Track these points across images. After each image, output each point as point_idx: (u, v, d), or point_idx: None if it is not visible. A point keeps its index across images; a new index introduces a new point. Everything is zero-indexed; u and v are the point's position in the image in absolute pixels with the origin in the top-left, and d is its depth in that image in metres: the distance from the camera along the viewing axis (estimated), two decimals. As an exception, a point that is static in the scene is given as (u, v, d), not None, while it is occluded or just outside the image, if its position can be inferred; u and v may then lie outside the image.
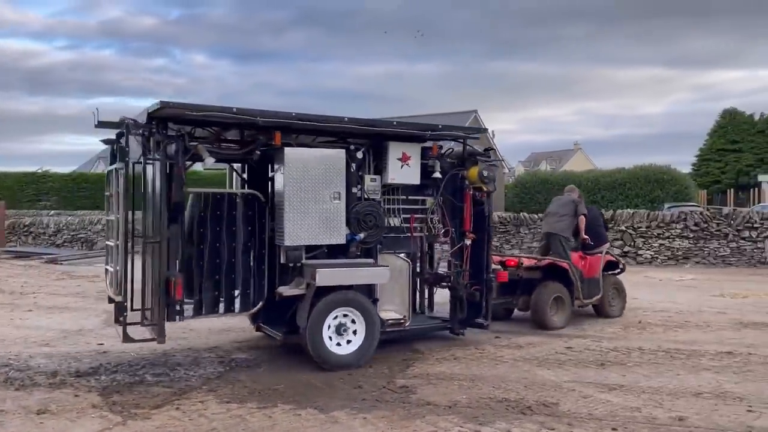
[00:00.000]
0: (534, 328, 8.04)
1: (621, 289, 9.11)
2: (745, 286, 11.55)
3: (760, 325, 8.10)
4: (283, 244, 6.12)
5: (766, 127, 50.26)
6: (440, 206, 7.18)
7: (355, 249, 6.45)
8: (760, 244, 14.77)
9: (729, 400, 5.12)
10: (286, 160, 6.05)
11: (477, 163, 7.19)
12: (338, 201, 6.27)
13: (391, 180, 6.73)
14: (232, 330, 7.96)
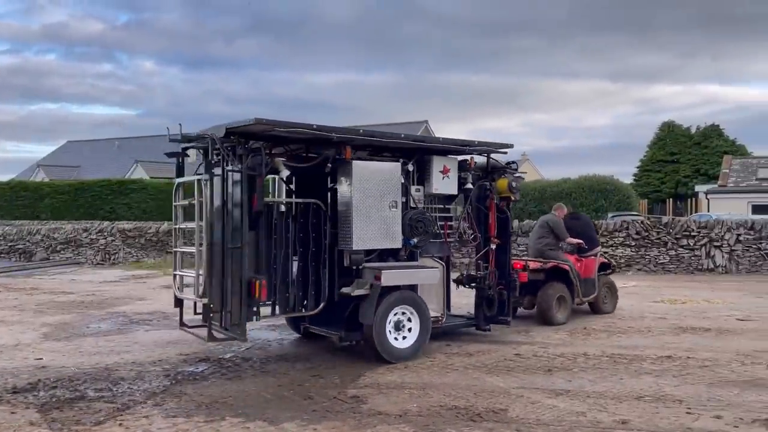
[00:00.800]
0: (539, 323, 8.84)
1: (613, 288, 10.07)
2: (683, 293, 11.99)
3: (698, 330, 8.41)
4: (351, 249, 6.68)
5: (702, 140, 52.50)
6: (469, 214, 7.88)
7: (404, 253, 7.10)
8: (697, 251, 15.38)
9: (669, 402, 5.29)
10: (354, 172, 6.67)
11: (506, 175, 8.10)
12: (395, 209, 6.95)
13: (434, 190, 7.46)
14: (179, 342, 7.79)
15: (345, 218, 6.77)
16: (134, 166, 41.09)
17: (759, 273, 15.01)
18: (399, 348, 6.75)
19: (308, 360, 6.86)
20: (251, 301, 6.17)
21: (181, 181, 6.93)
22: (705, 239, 15.38)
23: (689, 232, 15.53)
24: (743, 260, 15.17)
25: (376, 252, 6.88)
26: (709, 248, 15.34)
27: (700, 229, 15.47)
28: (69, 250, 20.52)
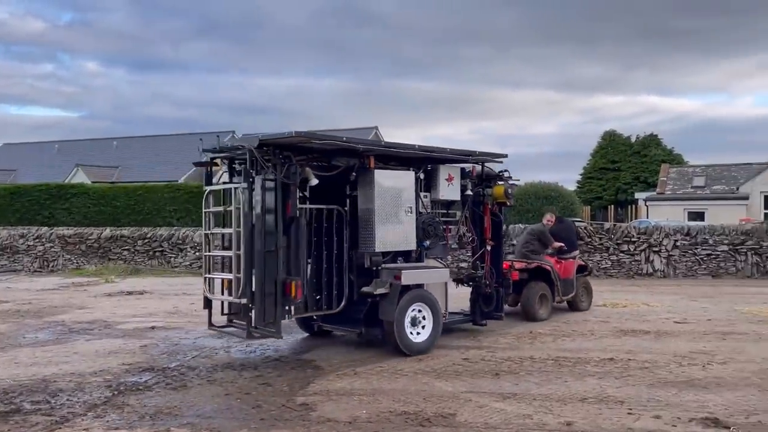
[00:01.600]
0: (523, 320, 9.55)
1: (589, 288, 10.95)
2: (624, 296, 12.37)
3: (638, 333, 8.69)
4: (373, 251, 7.23)
5: (641, 149, 54.43)
6: (467, 218, 8.53)
7: (415, 254, 7.71)
8: (637, 256, 15.92)
9: (611, 404, 5.44)
10: (376, 180, 7.25)
11: (502, 182, 8.88)
12: (411, 214, 7.58)
13: (441, 197, 8.13)
14: (121, 352, 7.57)
15: (367, 223, 7.31)
16: (75, 170, 39.70)
17: (694, 277, 15.65)
18: (416, 342, 7.31)
19: (256, 368, 6.77)
20: (285, 300, 6.60)
21: (212, 189, 7.27)
22: (644, 245, 15.95)
23: (630, 237, 16.07)
24: (680, 265, 15.78)
25: (390, 254, 7.47)
26: (648, 253, 15.91)
27: (640, 234, 16.02)
28: (4, 258, 19.66)
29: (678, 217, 29.41)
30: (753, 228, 15.93)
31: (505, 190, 8.87)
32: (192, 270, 17.86)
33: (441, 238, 8.08)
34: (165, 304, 11.70)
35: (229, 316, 7.35)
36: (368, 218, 7.27)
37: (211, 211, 7.26)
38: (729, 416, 5.08)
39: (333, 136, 6.88)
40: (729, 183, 33.26)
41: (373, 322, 7.33)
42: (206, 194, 7.26)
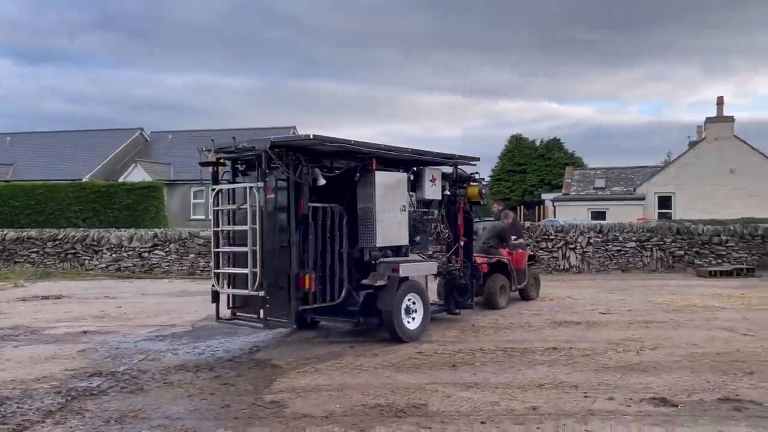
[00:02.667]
0: (484, 308, 10.39)
1: (537, 278, 12.12)
2: (549, 291, 12.96)
3: (571, 324, 9.20)
4: (374, 246, 7.78)
5: (545, 152, 57.09)
6: (443, 216, 9.19)
7: (406, 250, 8.31)
8: (555, 253, 16.77)
9: (567, 389, 5.77)
10: (377, 181, 7.77)
11: (477, 183, 9.65)
12: (404, 212, 8.16)
13: (426, 196, 8.70)
14: (59, 357, 7.20)
15: (368, 220, 7.79)
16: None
17: (606, 272, 16.69)
18: (411, 329, 7.91)
19: (212, 369, 6.62)
20: (298, 292, 6.96)
21: (220, 188, 7.62)
22: (561, 242, 16.83)
23: (548, 235, 16.90)
24: (593, 260, 16.79)
25: (385, 249, 7.99)
26: (565, 250, 16.81)
27: (557, 233, 16.90)
28: None
29: (582, 217, 31.14)
30: (657, 226, 17.20)
31: (480, 190, 9.65)
32: (109, 272, 17.04)
33: (428, 234, 8.80)
34: (89, 309, 11.13)
35: (234, 309, 7.69)
36: (369, 216, 7.79)
37: (221, 209, 7.57)
38: (673, 396, 5.53)
39: (342, 139, 7.27)
40: (627, 185, 35.58)
41: (369, 312, 7.88)
42: (215, 193, 7.60)
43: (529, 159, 57.24)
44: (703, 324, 9.06)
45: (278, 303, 7.00)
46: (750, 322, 9.15)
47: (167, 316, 10.13)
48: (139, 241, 17.13)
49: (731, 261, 16.53)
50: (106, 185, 24.93)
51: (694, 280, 14.99)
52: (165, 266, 16.99)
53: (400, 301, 7.78)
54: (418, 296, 8.11)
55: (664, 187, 33.29)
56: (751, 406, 5.23)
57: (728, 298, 11.77)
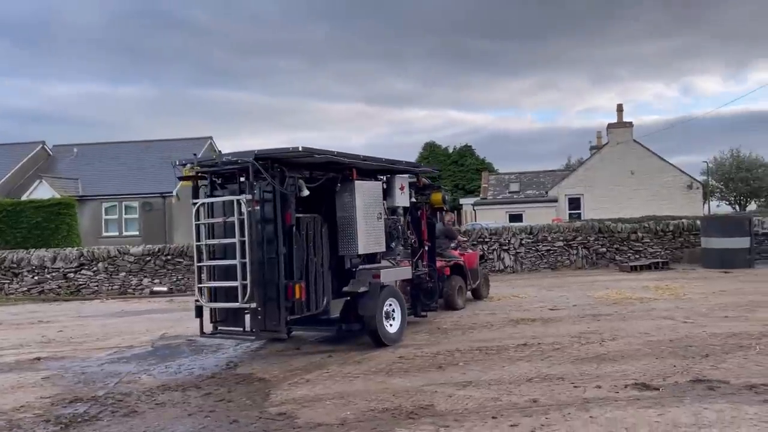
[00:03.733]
0: (444, 309, 10.66)
1: (487, 277, 12.69)
2: (493, 291, 13.36)
3: (527, 321, 9.65)
4: (356, 254, 8.00)
5: (458, 158, 58.94)
6: (409, 222, 9.46)
7: (380, 256, 8.62)
8: (490, 255, 17.40)
9: (555, 381, 6.12)
10: (357, 190, 7.96)
11: (440, 190, 10.11)
12: (380, 220, 8.42)
13: (396, 204, 8.98)
14: (26, 386, 6.82)
15: (348, 228, 7.95)
16: None
17: (538, 271, 17.53)
18: (391, 333, 8.14)
19: (198, 387, 6.46)
20: (287, 302, 7.02)
21: (203, 202, 7.50)
22: (496, 244, 17.51)
23: (483, 238, 17.54)
24: (526, 260, 17.59)
25: (363, 256, 8.23)
26: (499, 252, 17.49)
27: (492, 235, 17.57)
28: None
29: (501, 219, 32.45)
30: (581, 226, 18.27)
31: (443, 196, 10.16)
32: (31, 296, 16.00)
33: (400, 240, 9.07)
34: (27, 334, 10.45)
35: (216, 323, 7.66)
36: (349, 224, 7.99)
37: (203, 223, 7.48)
38: (651, 380, 5.99)
39: (328, 150, 7.42)
40: (539, 188, 37.41)
41: (349, 319, 8.03)
42: (196, 207, 7.47)
43: (444, 165, 58.85)
44: (645, 314, 9.78)
45: (268, 314, 7.06)
46: (685, 311, 9.96)
47: (119, 338, 9.70)
48: (64, 261, 16.20)
49: (647, 255, 17.81)
50: (12, 203, 23.32)
51: (619, 275, 16.04)
52: (93, 286, 16.16)
53: (381, 307, 7.98)
54: (396, 301, 8.37)
55: (573, 189, 35.28)
56: (721, 385, 5.76)
57: (656, 289, 12.71)
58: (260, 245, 7.07)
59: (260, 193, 7.05)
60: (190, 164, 7.54)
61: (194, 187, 7.74)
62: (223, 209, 7.31)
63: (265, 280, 7.04)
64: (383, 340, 7.93)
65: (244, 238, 6.91)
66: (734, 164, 59.19)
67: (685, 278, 14.67)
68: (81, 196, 31.30)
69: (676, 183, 34.55)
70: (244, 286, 6.88)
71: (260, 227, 7.11)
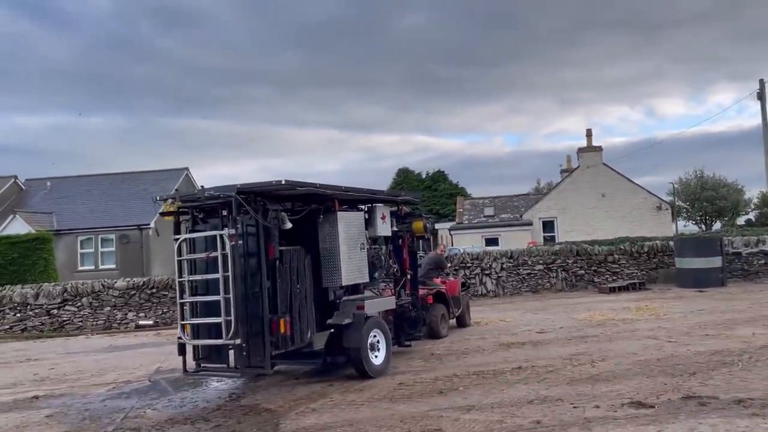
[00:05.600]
0: (427, 338, 10.59)
1: (468, 305, 12.64)
2: (479, 316, 13.70)
3: (517, 344, 9.92)
4: (339, 285, 8.03)
5: (432, 183, 59.56)
6: (390, 251, 9.48)
7: (363, 287, 8.59)
8: (472, 279, 17.71)
9: (554, 402, 6.37)
10: (339, 221, 7.99)
11: (421, 218, 10.03)
12: (363, 250, 8.42)
13: (378, 233, 8.98)
14: (30, 425, 6.84)
15: (332, 259, 7.97)
16: None
17: (519, 294, 17.87)
18: (377, 364, 8.08)
19: (206, 420, 6.57)
20: (272, 336, 6.96)
21: (185, 237, 7.44)
22: (477, 269, 17.84)
23: (465, 263, 17.85)
24: (507, 284, 17.93)
25: (346, 287, 8.23)
26: (481, 276, 17.82)
27: (473, 260, 17.89)
28: None
29: (478, 244, 32.89)
30: (560, 249, 18.71)
31: (424, 224, 10.08)
32: (14, 333, 15.76)
33: (382, 269, 9.07)
34: (18, 373, 10.36)
35: (199, 361, 7.53)
36: (333, 255, 7.98)
37: (186, 259, 7.40)
38: (645, 398, 6.29)
39: (311, 183, 7.51)
40: (513, 211, 38.04)
41: (333, 351, 7.96)
42: (179, 243, 7.42)
43: (417, 190, 59.45)
44: (630, 335, 10.14)
45: (253, 350, 6.97)
46: (667, 330, 10.36)
47: (114, 373, 9.70)
48: (47, 297, 16.03)
49: (624, 277, 18.30)
50: (-1, 239, 22.99)
51: (599, 297, 16.47)
52: (78, 322, 15.99)
53: (366, 338, 7.94)
54: (381, 332, 8.31)
55: (546, 212, 35.96)
56: (712, 401, 6.08)
57: (636, 310, 13.14)
58: (244, 280, 6.99)
59: (243, 226, 7.04)
60: (171, 200, 7.49)
61: (176, 223, 7.63)
62: (206, 244, 7.22)
63: (249, 315, 6.95)
64: (368, 373, 7.87)
65: (228, 273, 6.81)
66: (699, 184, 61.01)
67: (662, 298, 15.15)
68: (56, 230, 30.87)
69: (646, 204, 35.51)
70: (228, 321, 6.77)
71: (243, 261, 7.04)
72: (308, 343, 7.74)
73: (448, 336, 10.98)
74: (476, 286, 17.72)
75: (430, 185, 59.42)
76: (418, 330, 10.02)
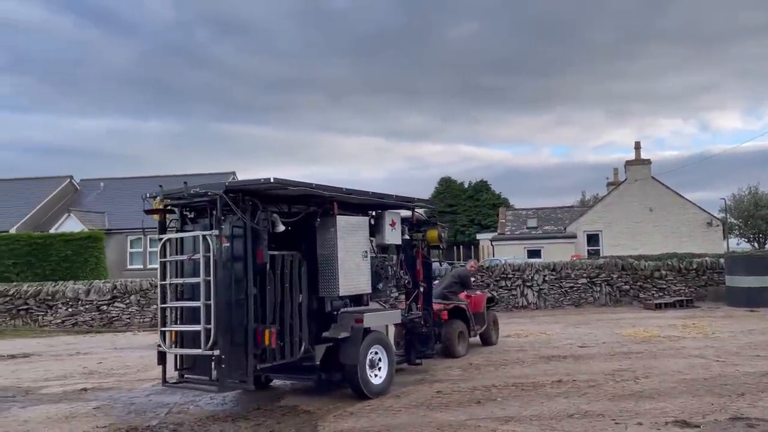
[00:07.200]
0: (442, 356, 9.84)
1: (496, 322, 11.69)
2: (519, 328, 13.63)
3: (558, 358, 9.79)
4: (336, 296, 7.31)
5: (474, 193, 59.22)
6: (402, 261, 8.81)
7: (367, 298, 7.94)
8: (513, 291, 17.54)
9: (595, 417, 6.27)
10: (338, 225, 7.33)
11: (436, 226, 9.31)
12: (366, 258, 7.75)
13: (386, 241, 8.34)
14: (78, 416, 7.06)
15: (329, 267, 7.34)
16: None
17: (561, 307, 17.60)
18: (376, 384, 7.42)
19: (247, 419, 6.68)
20: (257, 349, 6.42)
21: (168, 237, 7.00)
22: (519, 280, 17.65)
23: (506, 274, 17.70)
24: (549, 297, 17.68)
25: (346, 298, 7.58)
26: (522, 288, 17.62)
27: (515, 271, 17.72)
28: None
29: (520, 255, 32.50)
30: (605, 263, 18.37)
31: (439, 233, 9.37)
32: (65, 328, 16.33)
33: (389, 280, 8.40)
34: (68, 366, 10.74)
35: (181, 371, 6.97)
36: (330, 263, 7.33)
37: (170, 261, 6.91)
38: (690, 418, 6.13)
39: (303, 182, 6.85)
40: (557, 224, 37.48)
41: (330, 367, 7.31)
42: (162, 243, 6.97)
43: (459, 200, 59.17)
44: (676, 353, 9.88)
45: (234, 362, 6.36)
46: (715, 349, 10.05)
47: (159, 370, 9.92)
48: (97, 293, 16.57)
49: (671, 293, 17.84)
50: (42, 236, 23.89)
51: (644, 313, 16.09)
52: (126, 319, 16.47)
53: (364, 354, 7.27)
54: (383, 348, 7.62)
55: (591, 225, 35.28)
56: (761, 423, 5.89)
57: (683, 328, 12.79)
58: (228, 285, 6.42)
59: (230, 228, 6.51)
60: (159, 197, 6.99)
61: (161, 222, 7.17)
62: (193, 246, 6.65)
63: (233, 324, 6.38)
64: (365, 393, 7.18)
65: (209, 277, 6.31)
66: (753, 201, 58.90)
67: (711, 317, 14.71)
68: (108, 230, 31.89)
69: (696, 220, 34.49)
70: (208, 330, 6.26)
71: (229, 265, 6.47)
72: (304, 357, 7.13)
73: (466, 355, 10.05)
74: (517, 297, 17.54)
75: (472, 195, 59.11)
76: (430, 347, 9.30)
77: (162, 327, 6.91)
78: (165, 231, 7.18)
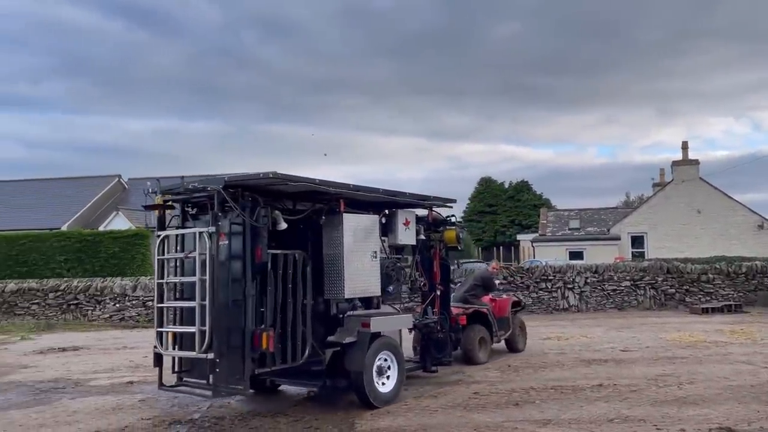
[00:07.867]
0: (462, 363, 9.41)
1: (524, 327, 11.02)
2: (559, 330, 13.45)
3: (599, 361, 9.63)
4: (342, 298, 6.89)
5: (515, 194, 58.63)
6: (418, 263, 8.48)
7: (378, 301, 7.44)
8: (554, 293, 17.32)
9: (636, 422, 6.16)
10: (344, 224, 6.94)
11: (454, 227, 8.90)
12: (376, 259, 7.32)
13: (399, 241, 7.97)
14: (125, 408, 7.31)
15: (335, 268, 6.95)
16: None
17: (603, 310, 17.29)
18: (383, 392, 7.01)
19: (283, 413, 6.81)
20: (254, 352, 6.14)
21: (167, 234, 6.77)
22: (560, 282, 17.43)
23: (546, 276, 17.49)
24: (591, 300, 17.40)
25: (354, 301, 7.15)
26: (564, 290, 17.39)
27: (555, 273, 17.49)
28: None
29: (561, 257, 32.03)
30: (649, 266, 17.97)
31: (457, 234, 8.94)
32: (112, 323, 16.86)
33: (401, 282, 7.95)
34: (115, 359, 11.09)
35: (180, 374, 6.82)
36: (336, 263, 6.95)
37: (167, 258, 6.73)
38: (735, 425, 5.97)
39: (307, 178, 6.51)
40: (600, 225, 36.79)
41: (336, 373, 7.01)
42: (160, 240, 6.76)
43: (500, 200, 58.68)
44: (723, 359, 9.61)
45: (230, 366, 6.12)
46: (764, 356, 9.74)
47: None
48: (144, 289, 17.05)
49: (719, 298, 17.33)
50: (92, 234, 24.68)
51: (690, 317, 15.68)
52: (170, 315, 16.88)
53: (371, 361, 6.88)
54: (392, 354, 7.21)
55: (636, 227, 34.52)
56: (810, 432, 5.71)
57: (731, 333, 12.42)
58: (225, 285, 6.19)
59: (228, 225, 6.26)
60: (157, 192, 6.82)
61: (159, 218, 6.91)
62: (193, 243, 6.37)
63: (230, 326, 6.15)
64: (372, 401, 6.79)
65: (205, 276, 6.07)
66: (808, 203, 56.71)
67: (761, 322, 14.24)
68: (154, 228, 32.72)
69: (746, 222, 33.40)
70: (202, 332, 6.02)
71: (227, 264, 6.24)
72: (310, 362, 6.83)
73: (487, 362, 9.56)
74: (558, 300, 17.31)
75: (513, 195, 58.53)
76: (447, 354, 8.91)
77: (158, 327, 6.71)
78: (164, 227, 6.93)
